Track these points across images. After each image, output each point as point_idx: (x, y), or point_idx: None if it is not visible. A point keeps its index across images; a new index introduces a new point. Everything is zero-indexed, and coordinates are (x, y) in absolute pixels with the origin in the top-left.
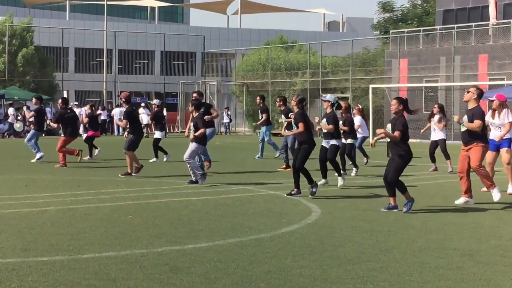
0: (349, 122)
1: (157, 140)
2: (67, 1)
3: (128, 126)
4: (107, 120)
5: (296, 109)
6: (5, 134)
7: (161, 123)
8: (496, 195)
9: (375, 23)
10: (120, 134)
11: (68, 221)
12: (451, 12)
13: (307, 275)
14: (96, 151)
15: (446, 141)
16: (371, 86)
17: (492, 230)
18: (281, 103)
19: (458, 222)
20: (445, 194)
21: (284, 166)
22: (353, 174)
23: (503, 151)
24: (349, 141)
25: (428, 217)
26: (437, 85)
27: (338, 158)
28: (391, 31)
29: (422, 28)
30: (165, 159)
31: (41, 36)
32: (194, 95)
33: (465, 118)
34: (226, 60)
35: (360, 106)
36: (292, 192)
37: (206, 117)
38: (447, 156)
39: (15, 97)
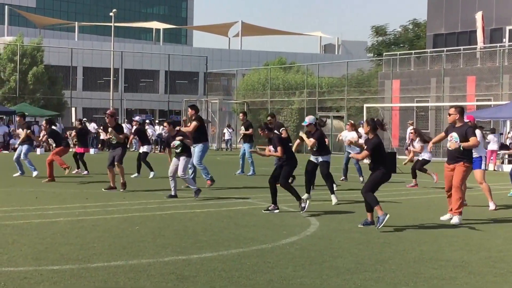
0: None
1: (145, 155)
2: (76, 23)
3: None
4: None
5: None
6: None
7: (146, 138)
8: (456, 220)
9: (369, 46)
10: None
11: (78, 232)
12: (440, 36)
13: (308, 284)
14: (80, 170)
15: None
16: (365, 105)
17: (482, 243)
18: (272, 119)
19: (449, 234)
20: (435, 208)
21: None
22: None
23: (476, 172)
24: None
25: (420, 230)
26: (427, 105)
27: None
28: (384, 53)
29: (413, 51)
30: (150, 176)
31: (51, 55)
32: (190, 110)
33: (454, 135)
34: (227, 79)
35: (352, 121)
36: (269, 208)
37: (184, 128)
38: (415, 175)
39: (26, 113)
